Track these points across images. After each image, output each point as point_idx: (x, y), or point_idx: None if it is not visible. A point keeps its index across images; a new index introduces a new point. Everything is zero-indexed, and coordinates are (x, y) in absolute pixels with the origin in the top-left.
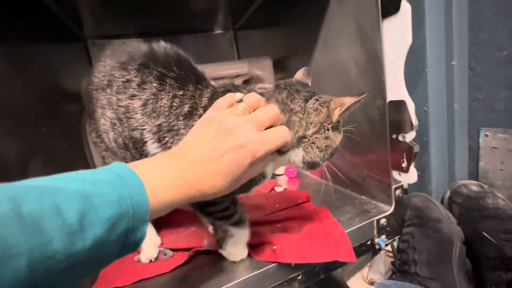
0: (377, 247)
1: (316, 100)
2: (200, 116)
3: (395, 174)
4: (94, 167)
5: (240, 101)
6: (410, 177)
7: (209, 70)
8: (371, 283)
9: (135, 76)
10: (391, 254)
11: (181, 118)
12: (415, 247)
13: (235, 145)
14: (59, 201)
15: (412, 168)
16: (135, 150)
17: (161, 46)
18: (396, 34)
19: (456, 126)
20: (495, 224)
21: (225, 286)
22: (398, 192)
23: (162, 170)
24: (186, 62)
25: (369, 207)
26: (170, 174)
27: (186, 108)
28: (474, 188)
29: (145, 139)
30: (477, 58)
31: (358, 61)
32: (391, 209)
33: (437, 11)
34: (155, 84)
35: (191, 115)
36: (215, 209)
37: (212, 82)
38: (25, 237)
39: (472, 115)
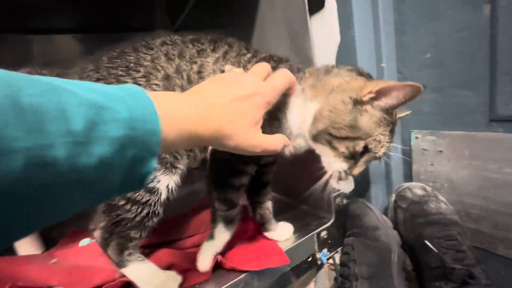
0: (319, 262)
1: None
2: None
3: (333, 182)
4: None
5: None
6: (348, 184)
7: None
8: None
9: (208, 45)
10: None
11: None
12: (355, 260)
13: (249, 92)
14: (66, 103)
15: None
16: None
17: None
18: (324, 31)
19: None
20: (437, 231)
21: None
22: (338, 200)
23: (175, 98)
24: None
25: (310, 219)
26: (198, 108)
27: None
28: (418, 191)
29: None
30: (404, 61)
31: (292, 60)
32: (331, 220)
33: (364, 12)
34: (226, 47)
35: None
36: (234, 182)
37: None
38: (24, 133)
39: (403, 118)
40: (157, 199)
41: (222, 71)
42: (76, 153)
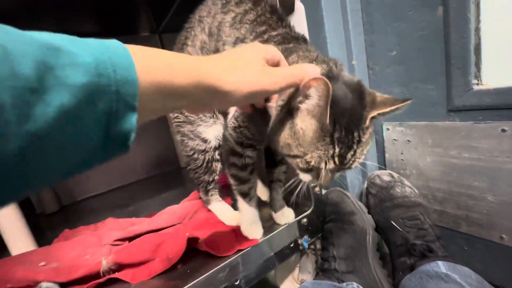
0: (301, 247)
1: None
2: (267, 39)
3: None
4: None
5: None
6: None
7: None
8: (302, 283)
9: None
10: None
11: (253, 35)
12: (334, 243)
13: (265, 71)
14: (8, 41)
15: None
16: None
17: None
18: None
19: None
20: (402, 212)
21: None
22: (317, 190)
23: (170, 54)
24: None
25: (291, 207)
26: (181, 58)
27: (262, 28)
28: (386, 178)
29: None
30: (374, 58)
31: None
32: (311, 208)
33: (334, 14)
34: (249, 5)
35: (262, 35)
36: (235, 161)
37: (287, 29)
38: None
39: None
40: (210, 146)
41: (236, 39)
42: (27, 101)
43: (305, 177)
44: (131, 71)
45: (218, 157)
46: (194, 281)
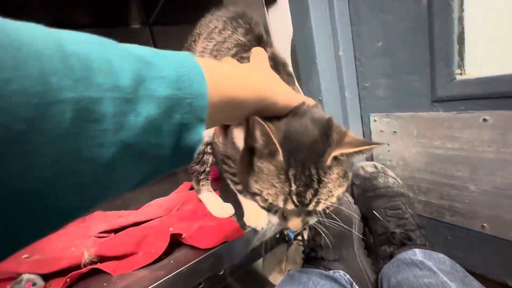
0: (287, 238)
1: None
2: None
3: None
4: None
5: None
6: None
7: None
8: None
9: (221, 24)
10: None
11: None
12: (320, 233)
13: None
14: (112, 54)
15: None
16: None
17: (251, 12)
18: (280, 23)
19: (349, 113)
20: (383, 202)
21: None
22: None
23: (228, 67)
24: (259, 26)
25: None
26: (237, 70)
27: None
28: (369, 169)
29: None
30: (360, 49)
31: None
32: None
33: (320, 4)
34: (229, 32)
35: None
36: (227, 169)
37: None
38: (71, 83)
39: (362, 102)
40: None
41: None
42: (123, 111)
43: (273, 220)
44: (204, 85)
45: (209, 150)
46: (177, 271)
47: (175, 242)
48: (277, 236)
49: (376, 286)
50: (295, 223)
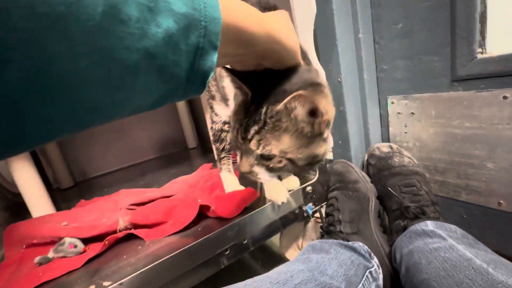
0: (305, 214)
1: None
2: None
3: None
4: None
5: None
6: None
7: None
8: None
9: None
10: (320, 221)
11: None
12: (339, 209)
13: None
14: None
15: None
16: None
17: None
18: (303, 3)
19: (368, 95)
20: (398, 180)
21: (141, 271)
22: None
23: (244, 3)
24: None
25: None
26: (252, 8)
27: None
28: (385, 149)
29: None
30: (380, 32)
31: None
32: (315, 177)
33: None
34: None
35: None
36: None
37: None
38: None
39: (380, 85)
40: (220, 119)
41: None
42: (146, 18)
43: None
44: (217, 9)
45: (227, 128)
46: (205, 237)
47: (201, 213)
48: (296, 211)
49: (390, 258)
50: (242, 163)
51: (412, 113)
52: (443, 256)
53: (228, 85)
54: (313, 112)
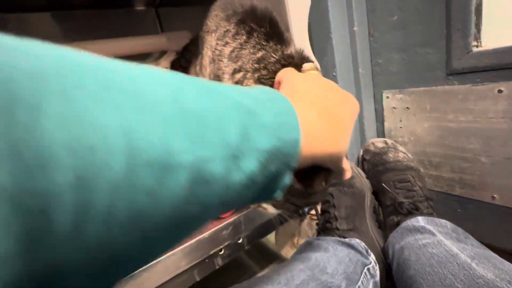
0: (300, 211)
1: None
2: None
3: None
4: None
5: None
6: None
7: (125, 45)
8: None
9: (232, 28)
10: (316, 218)
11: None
12: (334, 205)
13: (353, 110)
14: (221, 106)
15: None
16: None
17: (264, 5)
18: None
19: (363, 90)
20: (393, 175)
21: (131, 274)
22: None
23: (316, 117)
24: (275, 22)
25: None
26: (321, 123)
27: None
28: (380, 144)
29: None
30: (375, 25)
31: None
32: None
33: None
34: (244, 37)
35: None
36: None
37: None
38: (188, 144)
39: (375, 79)
40: None
41: (233, 71)
42: (230, 170)
43: None
44: (298, 131)
45: None
46: (199, 237)
47: None
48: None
49: (384, 254)
50: None
51: (407, 107)
52: (430, 252)
53: None
54: None
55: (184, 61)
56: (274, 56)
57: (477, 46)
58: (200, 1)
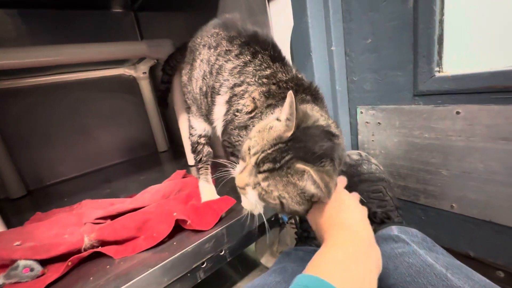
0: (281, 221)
1: None
2: (278, 82)
3: None
4: None
5: None
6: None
7: (104, 51)
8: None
9: (235, 49)
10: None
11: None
12: None
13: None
14: None
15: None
16: (210, 98)
17: (264, 32)
18: (280, 16)
19: (339, 105)
20: (367, 186)
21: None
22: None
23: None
24: (277, 48)
25: None
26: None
27: (267, 71)
28: (355, 157)
29: (220, 92)
30: (350, 45)
31: None
32: None
33: (316, 0)
34: (248, 57)
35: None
36: (235, 161)
37: (294, 70)
38: None
39: (350, 95)
40: (196, 133)
41: (233, 85)
42: None
43: (237, 168)
44: None
45: (203, 141)
46: (181, 252)
47: (176, 225)
48: (272, 219)
49: None
50: (241, 177)
51: (379, 123)
52: (408, 262)
53: (219, 106)
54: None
55: (169, 69)
56: (285, 75)
57: (439, 72)
58: (181, 7)
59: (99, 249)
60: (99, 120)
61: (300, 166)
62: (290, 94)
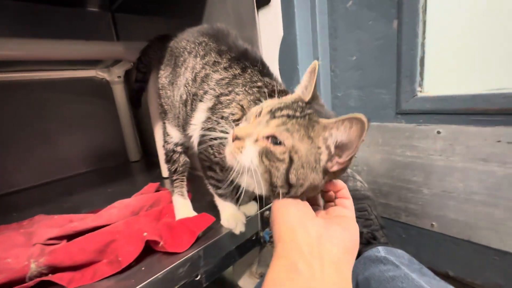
0: (262, 240)
1: None
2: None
3: None
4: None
5: None
6: None
7: (76, 49)
8: (261, 276)
9: (225, 62)
10: None
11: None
12: None
13: None
14: None
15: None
16: (190, 106)
17: (254, 49)
18: (270, 25)
19: None
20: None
21: None
22: None
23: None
24: (266, 65)
25: (254, 201)
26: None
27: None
28: None
29: (203, 99)
30: (336, 62)
31: None
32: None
33: (304, 14)
34: (238, 71)
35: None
36: (213, 175)
37: (283, 85)
38: None
39: (334, 110)
40: (172, 140)
41: (220, 94)
42: None
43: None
44: None
45: (180, 150)
46: (150, 279)
47: (146, 246)
48: (253, 238)
49: None
50: (242, 128)
51: (362, 139)
52: (401, 287)
53: (200, 112)
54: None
55: (143, 66)
56: (275, 88)
57: (421, 92)
58: (164, 13)
59: (49, 277)
60: (63, 125)
61: (323, 121)
62: (315, 63)
